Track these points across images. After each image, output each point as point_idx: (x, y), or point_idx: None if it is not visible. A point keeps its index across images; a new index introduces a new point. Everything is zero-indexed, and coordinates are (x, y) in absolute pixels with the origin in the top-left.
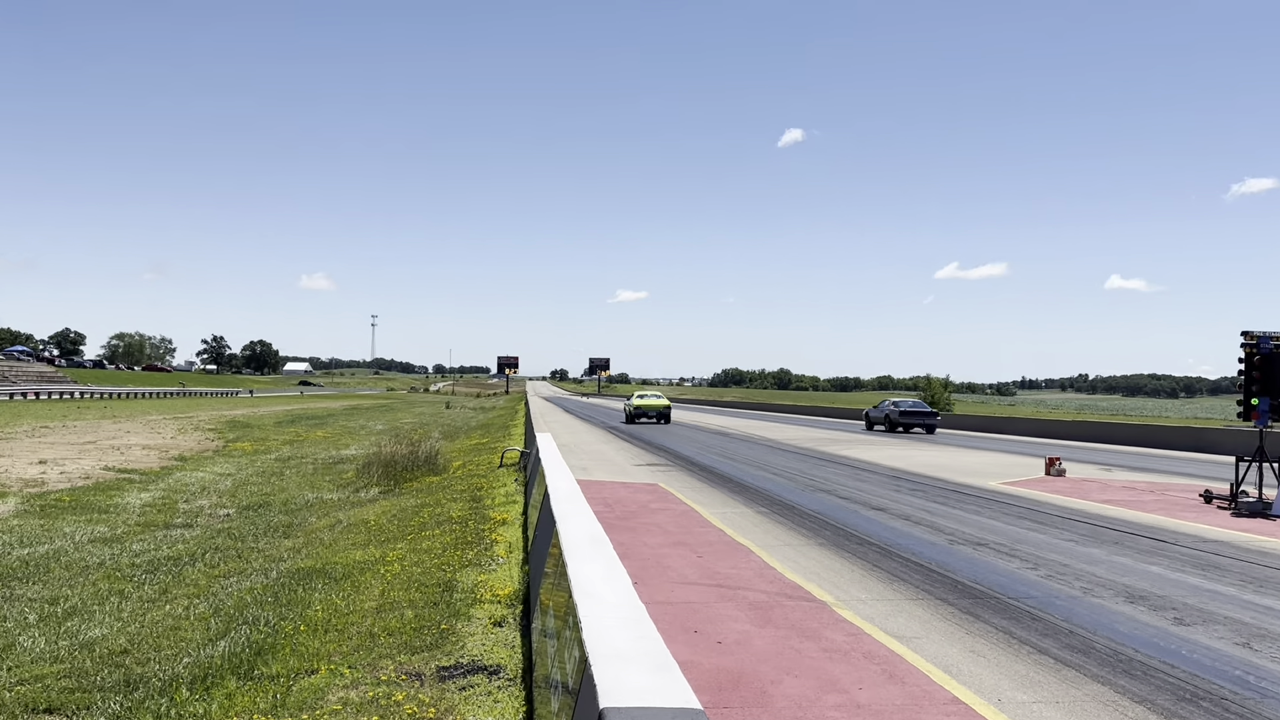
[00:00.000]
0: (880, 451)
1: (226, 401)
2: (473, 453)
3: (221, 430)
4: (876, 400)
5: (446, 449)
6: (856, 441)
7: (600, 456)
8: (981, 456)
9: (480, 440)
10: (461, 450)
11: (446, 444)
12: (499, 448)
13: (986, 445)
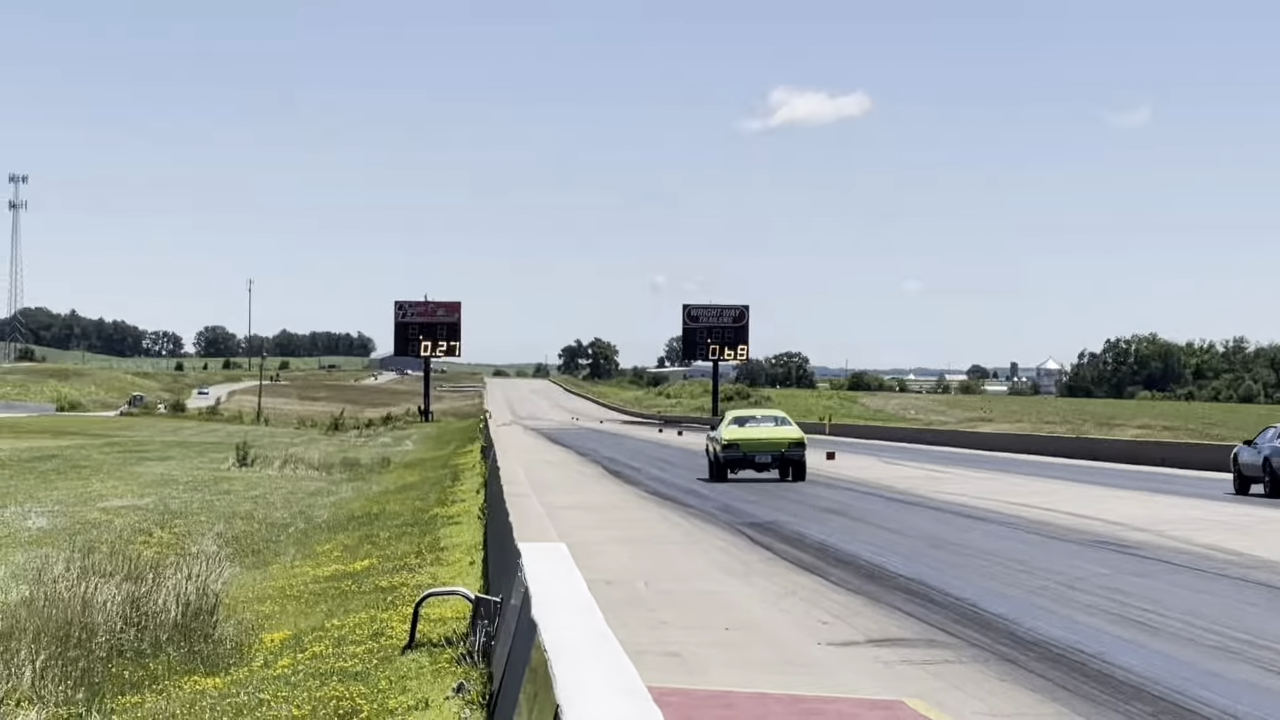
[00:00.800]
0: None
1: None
2: (312, 607)
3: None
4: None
5: (236, 599)
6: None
7: (697, 596)
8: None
9: (319, 593)
10: (271, 614)
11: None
12: (396, 597)
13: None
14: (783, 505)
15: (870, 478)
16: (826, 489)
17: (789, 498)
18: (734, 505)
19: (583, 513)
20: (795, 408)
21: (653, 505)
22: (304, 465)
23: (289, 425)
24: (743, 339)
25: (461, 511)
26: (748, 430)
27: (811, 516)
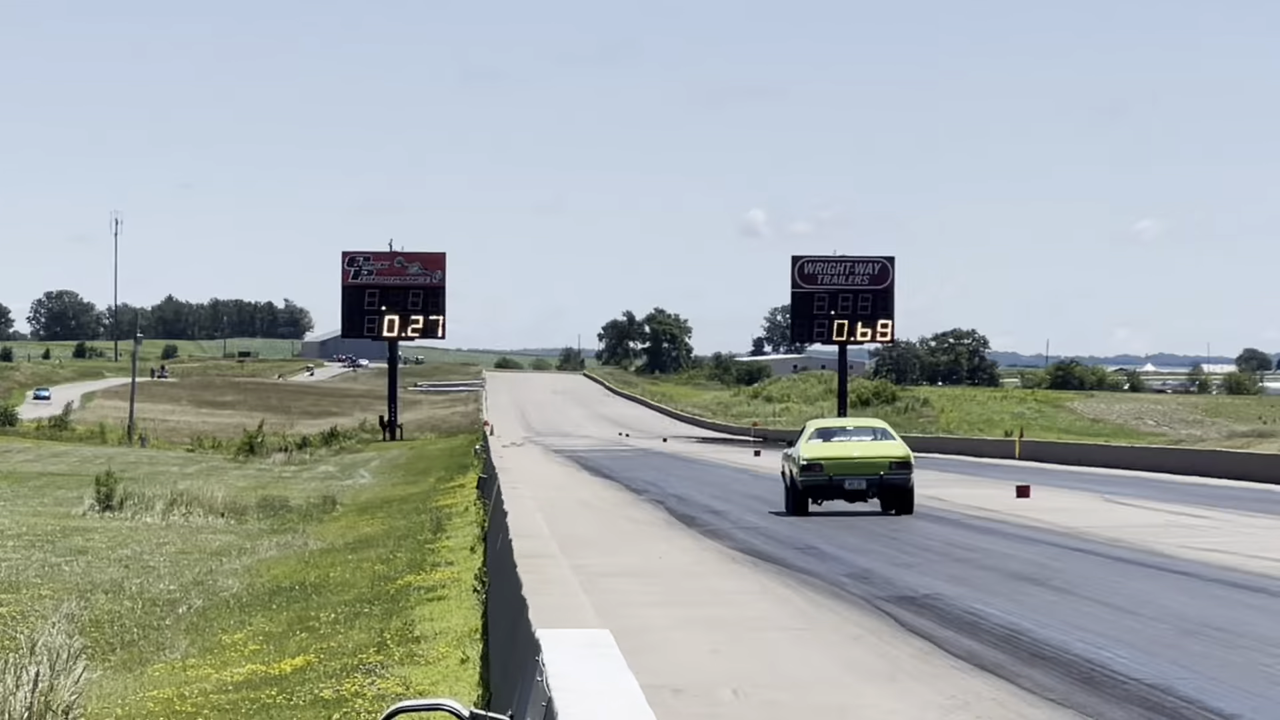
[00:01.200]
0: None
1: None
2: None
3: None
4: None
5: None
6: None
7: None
8: None
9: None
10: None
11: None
12: (347, 717)
13: None
14: (948, 569)
15: (1084, 524)
16: (1016, 543)
17: (956, 556)
18: (875, 570)
19: (637, 581)
20: (967, 417)
21: (746, 568)
22: (202, 509)
23: (178, 446)
24: (885, 310)
25: (448, 580)
26: (835, 446)
27: (992, 585)
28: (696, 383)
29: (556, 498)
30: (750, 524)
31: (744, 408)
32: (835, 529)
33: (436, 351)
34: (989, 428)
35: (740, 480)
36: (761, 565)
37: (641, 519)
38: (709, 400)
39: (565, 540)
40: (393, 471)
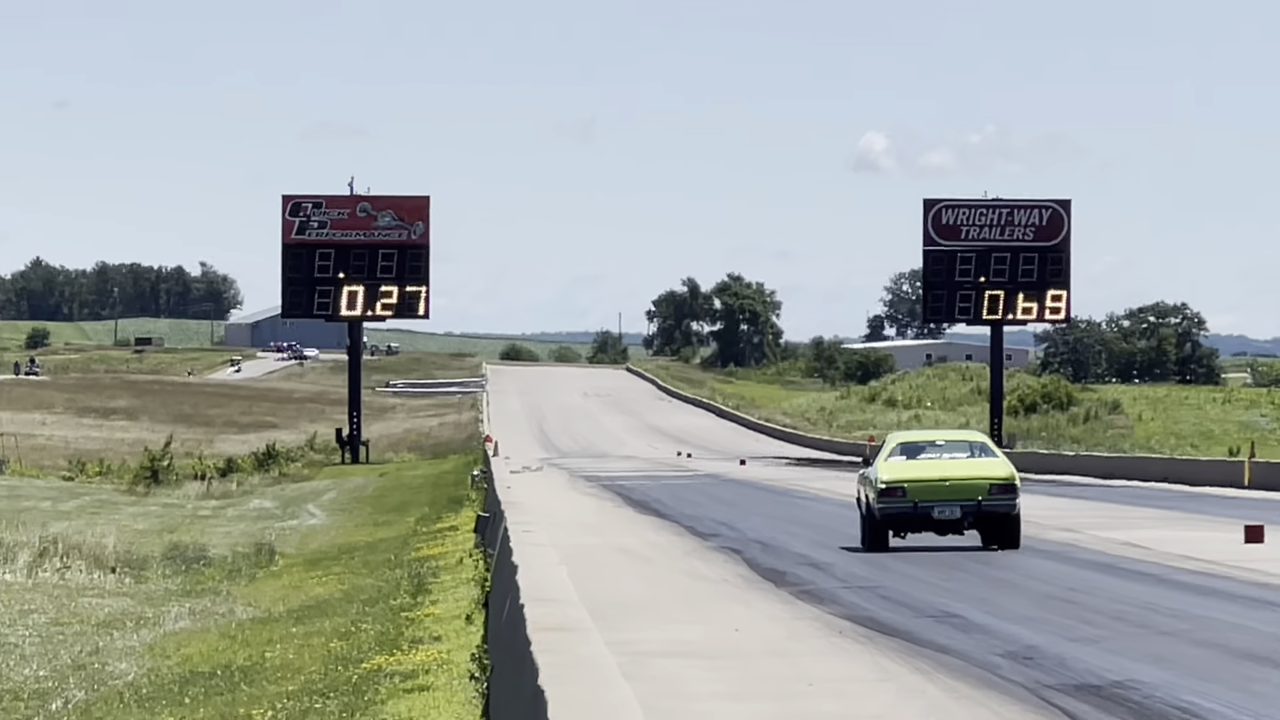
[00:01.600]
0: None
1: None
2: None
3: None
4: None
5: None
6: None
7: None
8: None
9: None
10: None
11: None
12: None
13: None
14: (1147, 645)
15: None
16: (1245, 607)
17: (1159, 626)
18: (1042, 646)
19: (703, 664)
20: (1175, 428)
21: (859, 644)
22: (85, 561)
23: (51, 472)
24: (1057, 277)
25: (433, 663)
26: (922, 465)
27: (1212, 668)
28: (788, 380)
29: (588, 545)
30: (865, 581)
31: (856, 415)
32: (986, 587)
33: (418, 337)
34: (1206, 443)
35: (851, 519)
36: (880, 639)
37: (709, 575)
38: (805, 405)
39: (600, 605)
40: (355, 508)
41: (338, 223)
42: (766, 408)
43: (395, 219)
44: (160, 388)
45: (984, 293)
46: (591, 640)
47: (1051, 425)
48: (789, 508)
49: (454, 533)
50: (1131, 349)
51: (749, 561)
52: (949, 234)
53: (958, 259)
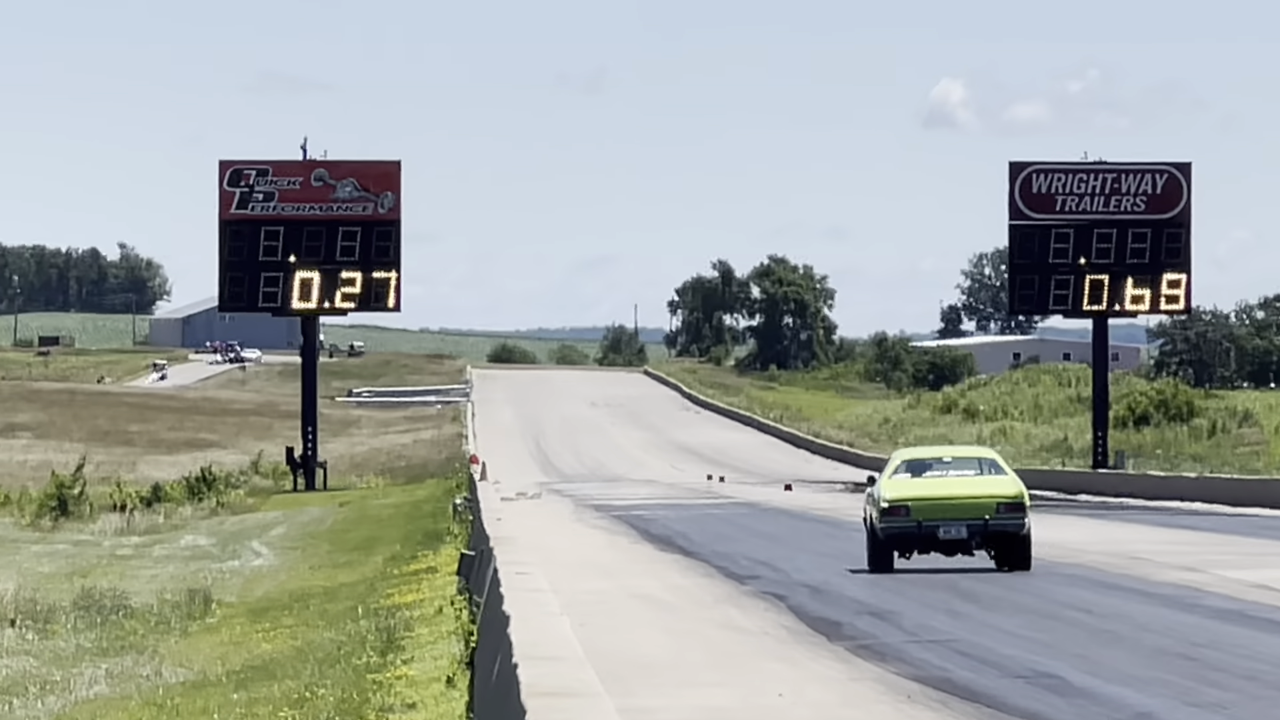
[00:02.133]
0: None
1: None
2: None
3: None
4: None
5: None
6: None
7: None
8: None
9: None
10: None
11: None
12: None
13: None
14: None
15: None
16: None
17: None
18: (1159, 715)
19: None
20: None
21: (933, 713)
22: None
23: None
24: (1175, 259)
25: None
26: (927, 483)
27: None
28: (843, 386)
29: (597, 590)
30: (940, 633)
31: (927, 429)
32: (1088, 641)
33: (388, 335)
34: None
35: (924, 559)
36: (958, 705)
37: (747, 626)
38: (865, 416)
39: (612, 665)
40: (310, 545)
41: (288, 194)
42: (817, 420)
43: (358, 189)
44: (70, 398)
45: (1084, 277)
46: (601, 708)
47: (1169, 440)
48: (844, 543)
49: (432, 575)
50: (1267, 346)
51: (795, 610)
52: (1041, 205)
53: (1052, 236)
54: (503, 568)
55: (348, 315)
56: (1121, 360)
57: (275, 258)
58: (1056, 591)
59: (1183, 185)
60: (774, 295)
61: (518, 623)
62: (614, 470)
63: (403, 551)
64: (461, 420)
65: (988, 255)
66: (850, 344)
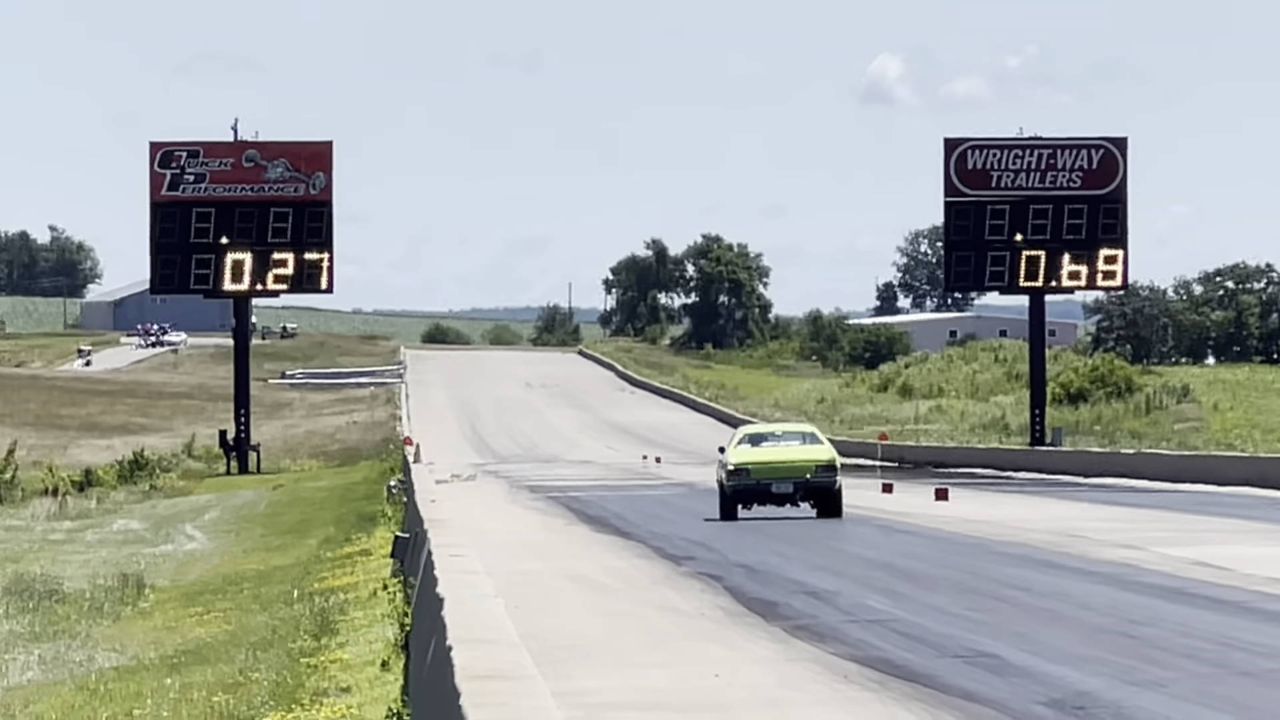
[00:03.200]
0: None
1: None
2: None
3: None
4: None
5: None
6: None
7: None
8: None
9: None
10: None
11: None
12: None
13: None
14: (1226, 689)
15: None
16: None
17: (1238, 666)
18: (1096, 693)
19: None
20: (1259, 418)
21: (869, 693)
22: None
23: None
24: (1111, 234)
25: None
26: (763, 451)
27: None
28: (779, 364)
29: (532, 571)
30: (877, 613)
31: (864, 407)
32: (1026, 619)
33: (320, 316)
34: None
35: (859, 536)
36: (895, 685)
37: (683, 607)
38: (801, 395)
39: (548, 647)
40: (244, 528)
41: (219, 175)
42: (753, 399)
43: (290, 170)
44: (0, 382)
45: (1020, 254)
46: (535, 690)
47: (1106, 417)
48: (782, 524)
49: (366, 558)
50: (1204, 322)
51: (732, 590)
52: (977, 181)
53: (988, 212)
54: (437, 550)
55: (280, 297)
56: (1059, 337)
57: (207, 239)
58: (995, 570)
59: (1119, 160)
60: (709, 274)
61: (452, 605)
62: (549, 451)
63: (337, 534)
64: (395, 402)
65: (924, 232)
66: (786, 322)
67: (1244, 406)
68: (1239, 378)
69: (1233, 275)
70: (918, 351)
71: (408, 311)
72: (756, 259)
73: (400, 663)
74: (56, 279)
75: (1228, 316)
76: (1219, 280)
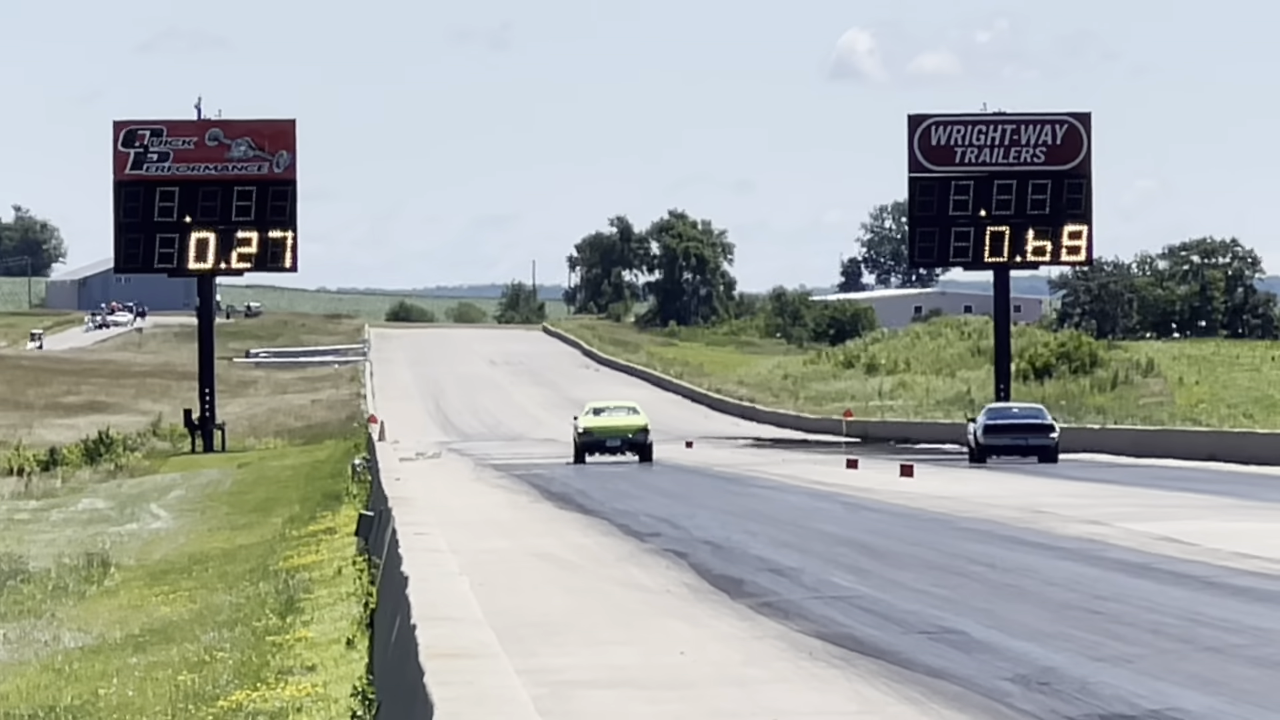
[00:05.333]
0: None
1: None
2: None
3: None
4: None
5: None
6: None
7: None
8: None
9: None
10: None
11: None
12: None
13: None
14: (1189, 666)
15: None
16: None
17: (1204, 642)
18: (1061, 669)
19: (640, 696)
20: (1224, 393)
21: (834, 670)
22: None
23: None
24: (1076, 209)
25: (305, 700)
26: (602, 419)
27: (1275, 695)
28: (743, 341)
29: (497, 549)
30: (842, 590)
31: (829, 384)
32: (991, 595)
33: (285, 295)
34: (1264, 413)
35: (824, 513)
36: (860, 662)
37: (648, 584)
38: (766, 372)
39: (512, 625)
40: (209, 507)
41: (182, 154)
42: (717, 375)
43: (253, 148)
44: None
45: (985, 229)
46: (500, 668)
47: (1072, 392)
48: (746, 500)
49: (330, 536)
50: (1169, 297)
51: (696, 567)
52: (940, 157)
53: (952, 188)
54: (401, 528)
55: (244, 275)
56: (1024, 312)
57: (170, 218)
58: (961, 546)
59: (1082, 135)
60: (673, 250)
61: (416, 583)
62: (513, 429)
63: (301, 513)
64: (360, 380)
65: (888, 208)
66: (750, 299)
67: (1209, 381)
68: (1204, 353)
69: (1198, 250)
70: (882, 328)
71: (372, 290)
72: (720, 235)
73: (365, 641)
74: (20, 258)
75: (1192, 291)
76: (1184, 255)
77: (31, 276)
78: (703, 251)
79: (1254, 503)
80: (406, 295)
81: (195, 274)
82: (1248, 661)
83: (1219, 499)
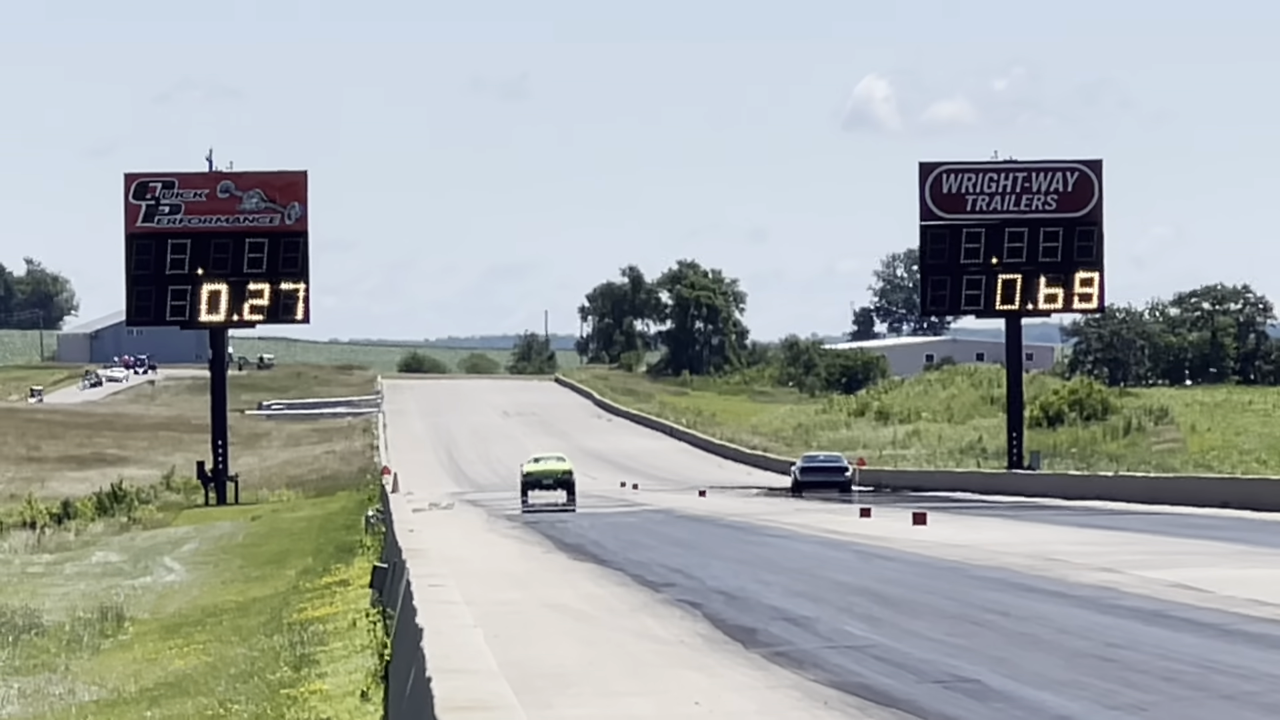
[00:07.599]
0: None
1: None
2: None
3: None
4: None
5: None
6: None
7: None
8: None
9: None
10: None
11: None
12: None
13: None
14: (1203, 713)
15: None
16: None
17: (1218, 689)
18: (1074, 718)
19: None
20: (1236, 440)
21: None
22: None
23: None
24: (1088, 256)
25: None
26: (540, 465)
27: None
28: (756, 390)
29: (511, 600)
30: (856, 639)
31: (841, 432)
32: (1005, 644)
33: (297, 346)
34: (1278, 460)
35: (837, 562)
36: (875, 711)
37: (663, 635)
38: (779, 421)
39: (527, 676)
40: (223, 560)
41: (194, 206)
42: (730, 425)
43: (265, 200)
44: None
45: (996, 277)
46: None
47: (1084, 440)
48: (760, 549)
49: (345, 589)
50: (1181, 343)
51: (711, 617)
52: (952, 205)
53: (963, 236)
54: (416, 580)
55: (256, 327)
56: (1036, 359)
57: (182, 270)
58: (974, 595)
59: (1094, 183)
60: (685, 300)
61: (431, 635)
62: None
63: (315, 565)
64: (373, 431)
65: (900, 256)
66: (762, 348)
67: (1221, 428)
68: (1216, 399)
69: (1209, 297)
70: (895, 376)
71: (384, 341)
72: (732, 284)
73: (380, 693)
74: (32, 311)
75: (1204, 338)
76: (1195, 302)
77: (43, 329)
78: (714, 301)
79: (1267, 549)
80: (419, 346)
81: (207, 326)
82: (1262, 709)
83: (1232, 546)
